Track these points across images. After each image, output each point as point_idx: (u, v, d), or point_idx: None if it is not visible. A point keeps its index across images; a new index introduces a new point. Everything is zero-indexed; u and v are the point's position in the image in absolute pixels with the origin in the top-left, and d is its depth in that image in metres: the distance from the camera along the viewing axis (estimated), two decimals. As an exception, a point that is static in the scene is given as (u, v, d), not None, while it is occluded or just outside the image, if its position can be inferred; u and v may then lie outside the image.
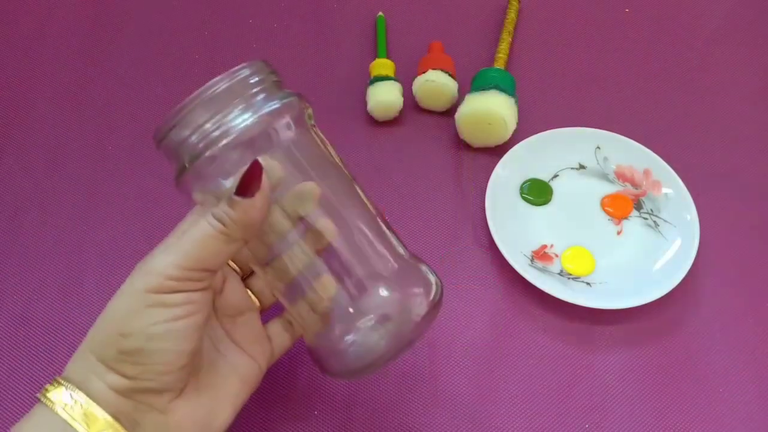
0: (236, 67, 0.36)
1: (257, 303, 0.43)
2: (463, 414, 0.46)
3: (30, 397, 0.46)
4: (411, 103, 0.60)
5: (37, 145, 0.57)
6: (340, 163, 0.40)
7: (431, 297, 0.37)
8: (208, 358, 0.39)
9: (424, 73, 0.57)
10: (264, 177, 0.34)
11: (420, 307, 0.37)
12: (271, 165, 0.35)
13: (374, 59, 0.61)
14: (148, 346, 0.33)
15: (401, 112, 0.59)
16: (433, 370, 0.48)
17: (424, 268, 0.39)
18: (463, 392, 0.47)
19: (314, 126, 0.39)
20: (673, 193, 0.54)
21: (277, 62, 0.62)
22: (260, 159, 0.35)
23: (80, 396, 0.34)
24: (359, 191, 0.40)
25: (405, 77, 0.60)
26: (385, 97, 0.57)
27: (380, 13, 0.65)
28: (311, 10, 0.66)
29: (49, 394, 0.34)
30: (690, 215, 0.52)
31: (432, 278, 0.39)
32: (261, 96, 0.36)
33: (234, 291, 0.40)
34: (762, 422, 0.47)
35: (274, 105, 0.35)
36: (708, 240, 0.52)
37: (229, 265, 0.42)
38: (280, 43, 0.64)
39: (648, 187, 0.55)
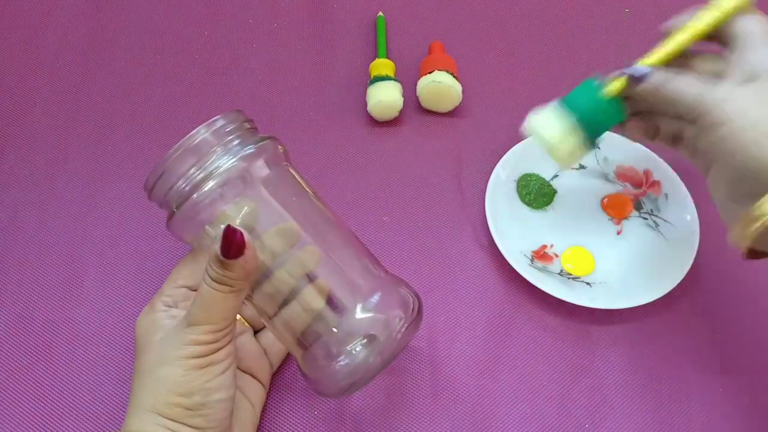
0: (213, 118, 0.40)
1: (249, 327, 0.46)
2: (463, 414, 0.46)
3: (30, 397, 0.46)
4: (411, 103, 0.60)
5: (37, 145, 0.57)
6: (314, 195, 0.43)
7: (410, 313, 0.40)
8: None
9: (429, 73, 0.57)
10: (245, 234, 0.37)
11: (401, 324, 0.40)
12: (250, 204, 0.39)
13: (374, 59, 0.61)
14: (208, 399, 0.38)
15: (401, 112, 0.59)
16: (433, 370, 0.48)
17: (400, 286, 0.42)
18: (463, 392, 0.47)
19: (288, 165, 0.43)
20: (673, 193, 0.54)
21: (277, 62, 0.63)
22: (238, 199, 0.39)
23: None
24: (334, 219, 0.43)
25: (405, 77, 0.60)
26: (385, 97, 0.57)
27: (380, 13, 0.65)
28: (311, 10, 0.66)
29: None
30: (690, 215, 0.52)
31: (409, 296, 0.42)
32: (237, 141, 0.40)
33: None
34: (761, 422, 0.47)
35: (250, 149, 0.39)
36: (708, 240, 0.52)
37: None
38: (280, 43, 0.64)
39: (648, 187, 0.55)
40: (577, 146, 0.46)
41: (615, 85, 0.44)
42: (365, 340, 0.39)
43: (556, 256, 0.52)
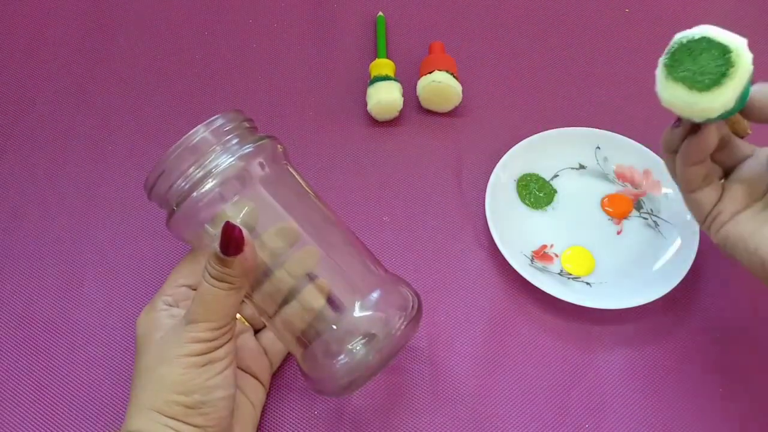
0: (212, 118, 0.40)
1: (249, 326, 0.46)
2: (463, 414, 0.46)
3: (30, 397, 0.46)
4: (411, 103, 0.60)
5: (37, 145, 0.57)
6: (314, 195, 0.43)
7: (410, 312, 0.40)
8: None
9: (429, 73, 0.57)
10: (244, 231, 0.37)
11: (401, 322, 0.40)
12: (249, 203, 0.39)
13: (374, 59, 0.61)
14: (208, 398, 0.38)
15: (401, 112, 0.59)
16: (433, 370, 0.48)
17: (400, 285, 0.42)
18: (463, 392, 0.47)
19: (288, 164, 0.43)
20: (673, 193, 0.54)
21: (277, 62, 0.63)
22: (237, 198, 0.39)
23: None
24: (334, 218, 0.43)
25: (405, 77, 0.60)
26: (385, 97, 0.57)
27: (380, 13, 0.65)
28: (311, 10, 0.66)
29: None
30: (690, 215, 0.52)
31: (409, 294, 0.41)
32: (236, 141, 0.40)
33: None
34: (761, 423, 0.47)
35: (248, 148, 0.40)
36: (708, 240, 0.52)
37: None
38: (280, 44, 0.64)
39: (648, 187, 0.55)
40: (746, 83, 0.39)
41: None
42: (365, 339, 0.39)
43: (556, 256, 0.52)
